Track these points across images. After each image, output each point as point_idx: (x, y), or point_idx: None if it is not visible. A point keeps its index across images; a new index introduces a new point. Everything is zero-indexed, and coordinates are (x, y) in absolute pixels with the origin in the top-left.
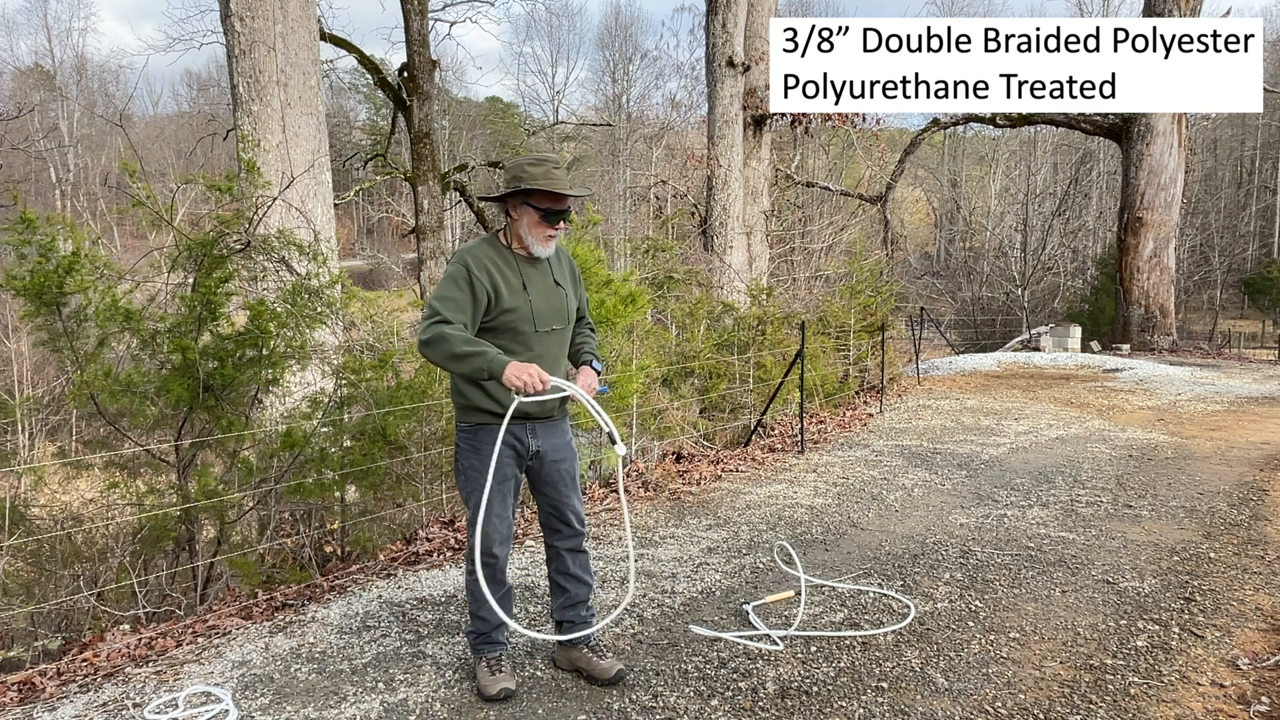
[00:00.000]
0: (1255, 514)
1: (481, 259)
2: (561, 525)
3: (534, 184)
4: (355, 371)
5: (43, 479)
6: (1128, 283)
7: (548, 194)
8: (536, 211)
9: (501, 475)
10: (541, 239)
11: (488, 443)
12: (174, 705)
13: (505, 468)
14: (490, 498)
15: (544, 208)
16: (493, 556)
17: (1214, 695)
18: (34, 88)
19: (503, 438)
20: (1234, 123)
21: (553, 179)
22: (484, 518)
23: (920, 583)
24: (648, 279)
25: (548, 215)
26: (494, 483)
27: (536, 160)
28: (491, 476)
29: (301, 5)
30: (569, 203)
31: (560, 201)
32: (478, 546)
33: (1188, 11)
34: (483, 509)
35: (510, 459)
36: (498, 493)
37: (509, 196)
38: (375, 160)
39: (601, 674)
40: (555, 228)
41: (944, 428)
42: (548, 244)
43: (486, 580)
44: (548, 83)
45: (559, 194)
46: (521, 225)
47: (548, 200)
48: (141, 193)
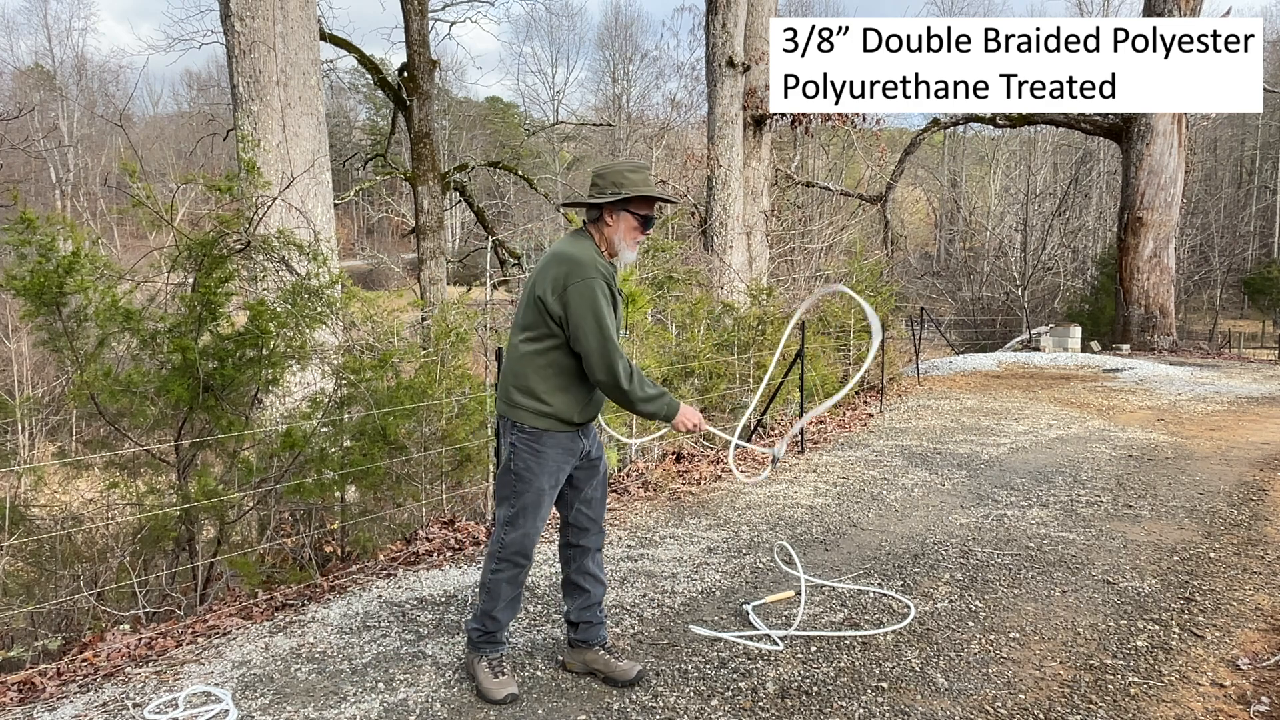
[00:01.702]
0: (1255, 514)
1: (604, 269)
2: (590, 523)
3: (637, 190)
4: (355, 371)
5: (43, 479)
6: (1128, 283)
7: (648, 200)
8: (635, 218)
9: (558, 480)
10: (633, 246)
11: (551, 446)
12: (174, 705)
13: (563, 472)
14: (541, 501)
15: (643, 214)
16: (527, 558)
17: (1214, 695)
18: (34, 88)
19: (566, 443)
20: (1234, 123)
21: (652, 186)
22: (518, 519)
23: (920, 583)
24: (648, 279)
25: (646, 221)
26: (549, 486)
27: (635, 168)
28: (553, 481)
29: (301, 5)
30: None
31: (656, 208)
32: (516, 546)
33: (1188, 11)
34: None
35: (569, 462)
36: (549, 497)
37: (612, 203)
38: (375, 160)
39: (622, 675)
40: (646, 234)
41: (944, 428)
42: (635, 250)
43: (510, 581)
44: (548, 83)
45: (658, 200)
46: (618, 232)
47: (647, 207)
48: (141, 193)
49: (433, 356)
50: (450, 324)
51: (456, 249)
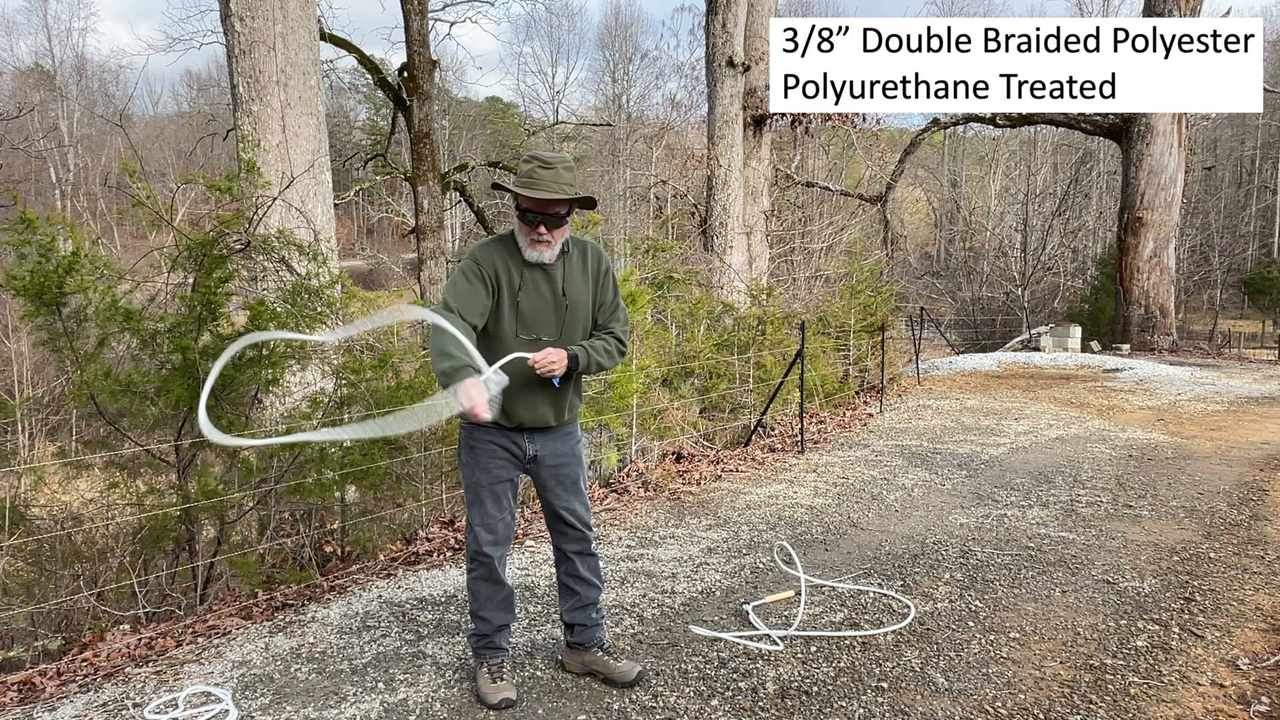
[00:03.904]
0: (1255, 514)
1: (491, 255)
2: (565, 528)
3: (511, 185)
4: (355, 371)
5: (43, 479)
6: (1128, 283)
7: (527, 197)
8: (519, 212)
9: (493, 477)
10: (528, 242)
11: (481, 441)
12: (174, 705)
13: (498, 469)
14: (481, 498)
15: (523, 209)
16: (486, 556)
17: (1214, 695)
18: (34, 88)
19: (496, 440)
20: (1234, 123)
21: (532, 180)
22: (470, 516)
23: (920, 583)
24: (648, 279)
25: (525, 216)
26: (485, 483)
27: (528, 158)
28: (488, 478)
29: (301, 5)
30: (557, 206)
31: (545, 206)
32: (472, 545)
33: (1188, 11)
34: (478, 507)
35: (505, 461)
36: (489, 494)
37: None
38: (375, 160)
39: (622, 676)
40: (537, 231)
41: (944, 428)
42: (536, 249)
43: (485, 579)
44: (548, 83)
45: (531, 197)
46: (516, 227)
47: (526, 202)
48: (141, 193)
49: None
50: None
51: (456, 249)
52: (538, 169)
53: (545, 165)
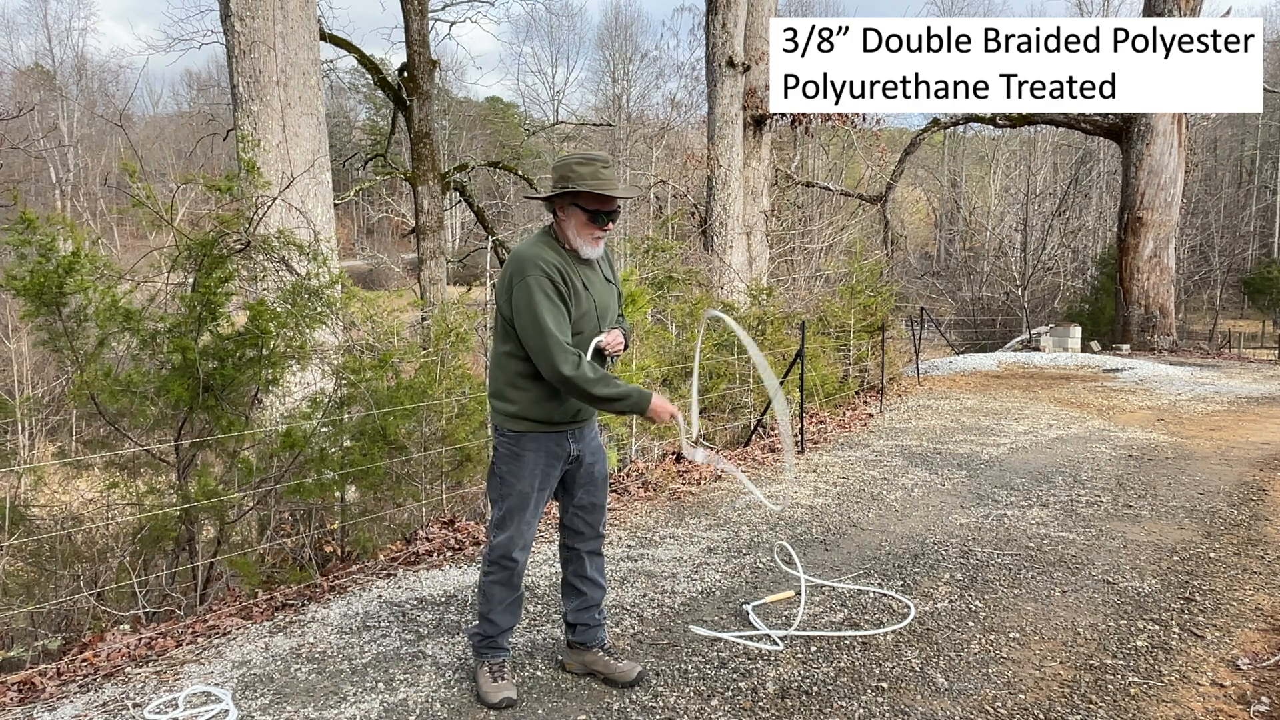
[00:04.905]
0: (1255, 514)
1: (552, 265)
2: (585, 527)
3: (582, 185)
4: (355, 371)
5: (43, 479)
6: (1128, 283)
7: (596, 195)
8: (584, 213)
9: (543, 483)
10: (590, 240)
11: (530, 449)
12: (174, 705)
13: (548, 475)
14: (525, 505)
15: (592, 209)
16: (513, 561)
17: (1214, 695)
18: (34, 88)
19: (544, 445)
20: (1234, 123)
21: (601, 179)
22: (503, 523)
23: (920, 583)
24: (648, 279)
25: (596, 217)
26: (532, 490)
27: (584, 159)
28: (536, 484)
29: (301, 5)
30: (617, 203)
31: (609, 203)
32: (503, 549)
33: (1188, 11)
34: (518, 514)
35: (554, 465)
36: (535, 501)
37: (557, 197)
38: (375, 160)
39: (622, 676)
40: (604, 229)
41: (944, 428)
42: (596, 245)
43: (503, 584)
44: (547, 83)
45: (607, 196)
46: (570, 226)
47: (596, 202)
48: (141, 193)
49: (433, 356)
50: (450, 324)
51: (456, 249)
52: (601, 170)
53: (606, 165)
